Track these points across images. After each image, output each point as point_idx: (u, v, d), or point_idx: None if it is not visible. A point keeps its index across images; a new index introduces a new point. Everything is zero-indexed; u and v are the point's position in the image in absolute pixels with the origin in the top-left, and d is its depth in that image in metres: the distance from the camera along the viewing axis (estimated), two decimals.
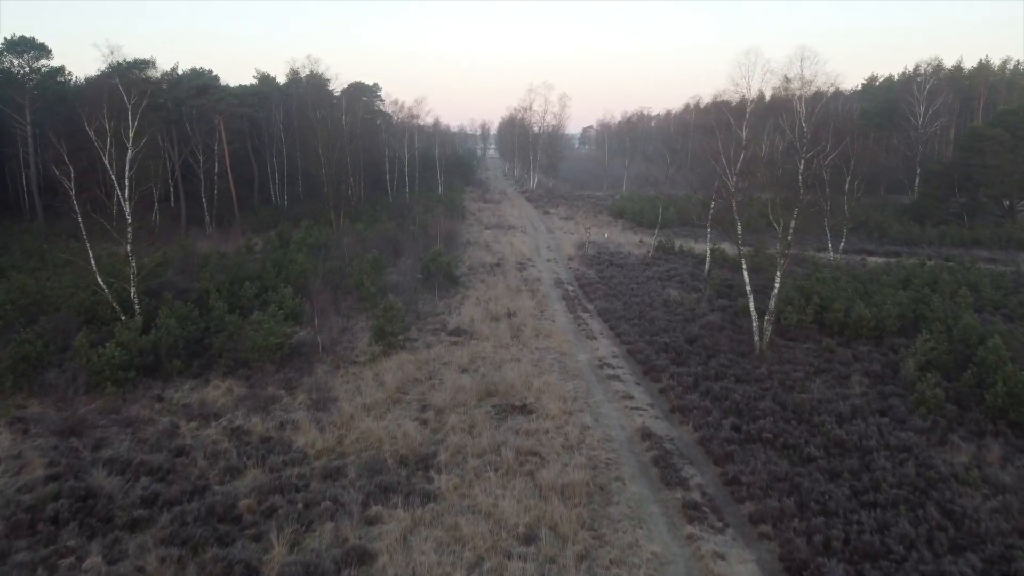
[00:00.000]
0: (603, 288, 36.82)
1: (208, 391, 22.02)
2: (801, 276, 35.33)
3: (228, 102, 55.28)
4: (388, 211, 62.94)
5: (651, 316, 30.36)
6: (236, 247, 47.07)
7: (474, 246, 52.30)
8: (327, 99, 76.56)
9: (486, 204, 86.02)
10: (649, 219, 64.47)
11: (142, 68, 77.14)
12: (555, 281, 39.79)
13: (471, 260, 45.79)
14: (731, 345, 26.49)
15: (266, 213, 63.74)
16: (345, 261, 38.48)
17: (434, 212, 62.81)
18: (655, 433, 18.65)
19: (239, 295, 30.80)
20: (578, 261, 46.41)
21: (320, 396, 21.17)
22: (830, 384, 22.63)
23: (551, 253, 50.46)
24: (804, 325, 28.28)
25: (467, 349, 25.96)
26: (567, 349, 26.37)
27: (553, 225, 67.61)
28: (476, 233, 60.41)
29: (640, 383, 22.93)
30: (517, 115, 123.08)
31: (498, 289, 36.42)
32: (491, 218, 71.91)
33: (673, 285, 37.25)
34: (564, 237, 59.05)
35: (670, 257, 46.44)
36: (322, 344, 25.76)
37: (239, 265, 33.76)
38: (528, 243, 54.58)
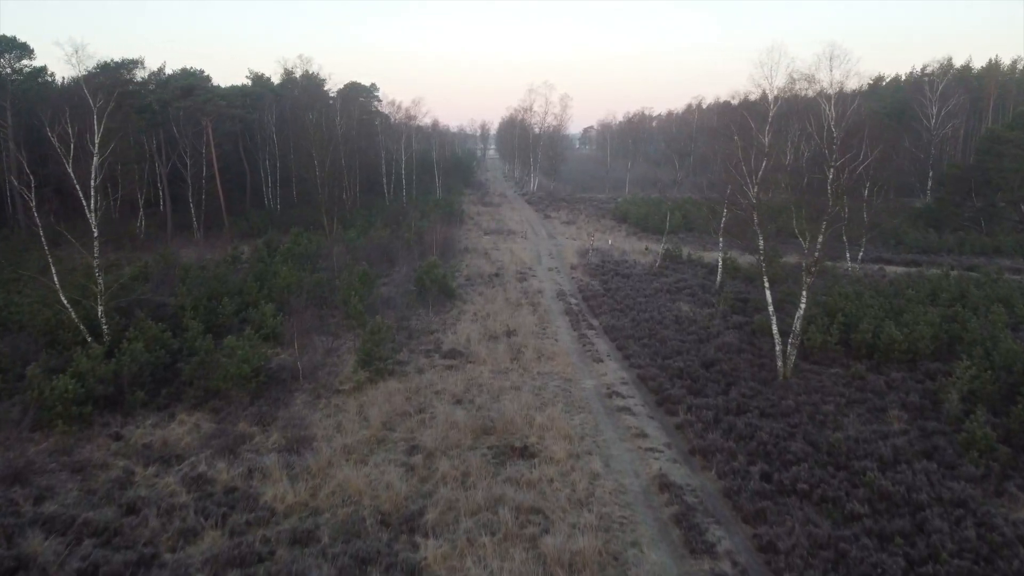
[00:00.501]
0: (609, 302, 34.54)
1: (172, 428, 19.76)
2: (821, 289, 33.08)
3: (215, 103, 53.00)
4: (384, 216, 60.68)
5: (662, 335, 28.08)
6: (223, 255, 44.84)
7: (472, 253, 50.03)
8: (322, 100, 74.29)
9: (485, 207, 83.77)
10: (654, 224, 62.20)
11: (130, 68, 75.04)
12: (557, 293, 37.52)
13: (469, 269, 43.53)
14: (752, 370, 24.22)
15: (257, 218, 61.47)
16: (334, 273, 36.21)
17: (431, 217, 60.56)
18: (674, 482, 16.37)
19: (217, 313, 28.56)
20: (581, 270, 44.14)
21: (296, 435, 18.90)
22: (865, 418, 20.37)
23: (553, 261, 48.19)
24: (829, 347, 26.01)
25: (462, 375, 23.70)
26: (572, 374, 24.10)
27: (554, 230, 65.37)
28: (475, 239, 58.14)
29: (654, 416, 20.66)
30: (517, 116, 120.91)
31: (497, 303, 34.15)
32: (490, 222, 69.64)
33: (683, 298, 34.98)
34: (566, 243, 56.81)
35: (678, 266, 44.16)
36: (303, 370, 23.50)
37: (219, 278, 31.48)
38: (529, 250, 52.32)
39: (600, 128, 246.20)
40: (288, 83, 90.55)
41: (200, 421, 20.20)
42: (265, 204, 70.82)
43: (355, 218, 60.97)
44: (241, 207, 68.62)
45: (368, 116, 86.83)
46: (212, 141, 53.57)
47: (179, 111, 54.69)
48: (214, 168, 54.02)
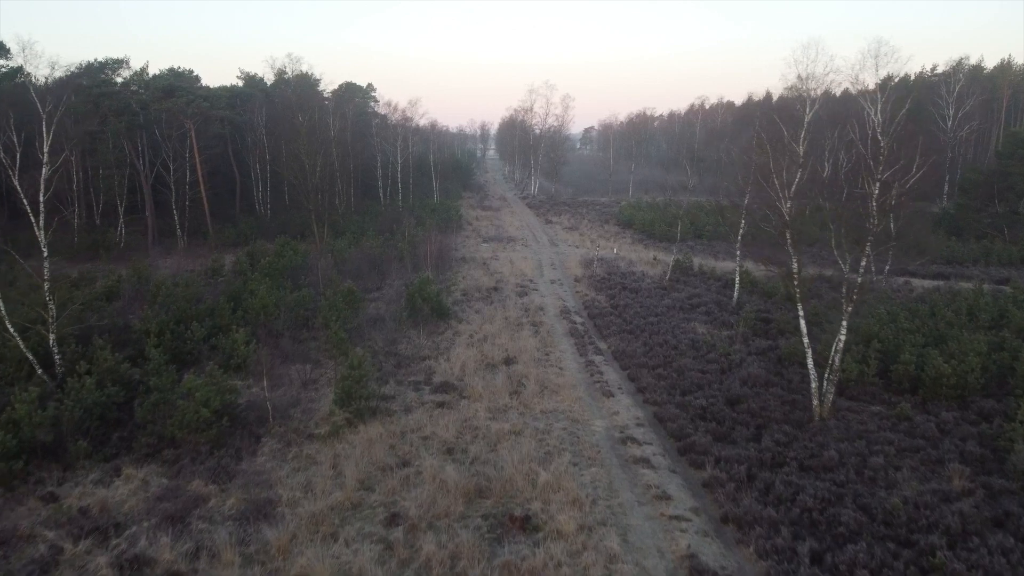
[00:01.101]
0: (617, 321, 31.75)
1: (117, 486, 16.97)
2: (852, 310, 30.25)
3: (198, 105, 50.20)
4: (377, 222, 57.90)
5: (679, 364, 25.27)
6: (204, 267, 42.06)
7: (470, 264, 47.24)
8: (315, 101, 71.48)
9: (484, 212, 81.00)
10: (660, 231, 59.46)
11: (114, 68, 72.29)
12: (561, 310, 34.73)
13: (466, 282, 40.74)
14: (783, 409, 21.42)
15: (244, 225, 58.67)
16: (319, 289, 33.43)
17: (427, 224, 57.75)
18: (708, 566, 13.57)
19: (185, 339, 25.79)
20: (586, 283, 41.35)
21: (257, 497, 16.12)
22: (920, 474, 17.57)
23: (555, 272, 45.39)
24: (866, 380, 23.22)
25: (455, 415, 20.89)
26: (580, 413, 21.30)
27: (556, 236, 62.59)
28: (472, 247, 55.36)
29: (676, 470, 17.86)
30: (517, 116, 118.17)
31: (495, 323, 31.36)
32: (490, 228, 66.87)
33: (698, 317, 32.18)
34: (569, 251, 54.03)
35: (689, 279, 41.35)
36: (273, 409, 20.70)
37: (189, 298, 28.63)
38: (530, 259, 49.53)
39: (601, 128, 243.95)
40: (281, 84, 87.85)
41: (150, 476, 17.41)
42: (256, 208, 68.11)
43: (347, 225, 58.20)
44: (230, 212, 65.90)
45: (364, 117, 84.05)
46: (196, 144, 50.68)
47: (161, 113, 51.87)
48: (198, 173, 51.18)
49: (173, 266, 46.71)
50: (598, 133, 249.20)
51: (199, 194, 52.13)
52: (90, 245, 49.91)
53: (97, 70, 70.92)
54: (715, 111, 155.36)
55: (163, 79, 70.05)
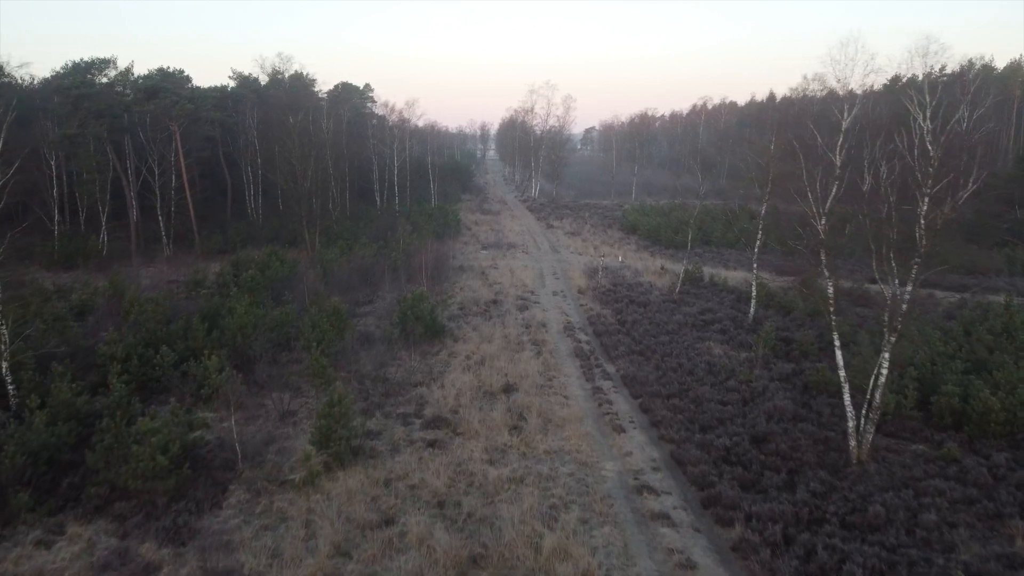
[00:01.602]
0: (626, 340, 29.51)
1: (60, 547, 14.75)
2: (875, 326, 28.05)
3: (183, 107, 47.88)
4: (372, 228, 55.65)
5: (696, 393, 23.02)
6: (189, 276, 39.78)
7: (468, 273, 45.00)
8: (309, 102, 69.21)
9: (484, 215, 78.77)
10: (667, 237, 57.23)
11: (101, 68, 70.04)
12: (564, 327, 32.49)
13: (463, 295, 38.49)
14: (816, 449, 19.18)
15: (234, 231, 56.47)
16: (305, 305, 31.20)
17: (423, 231, 55.53)
18: None
19: (153, 365, 23.56)
20: (591, 295, 39.09)
21: (216, 567, 13.88)
22: (979, 532, 15.34)
23: (558, 283, 43.15)
24: (904, 412, 21.00)
25: (447, 457, 18.65)
26: (589, 454, 19.06)
27: (558, 242, 60.36)
28: (471, 255, 53.13)
29: (700, 528, 15.62)
30: (518, 117, 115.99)
31: (494, 342, 29.12)
32: (489, 234, 64.62)
33: (713, 336, 29.92)
34: (571, 259, 51.81)
35: (700, 291, 39.09)
36: (243, 452, 18.46)
37: (159, 319, 26.28)
38: (531, 268, 47.30)
39: (601, 129, 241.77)
40: (275, 84, 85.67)
41: (97, 535, 15.17)
42: (249, 213, 65.91)
43: (341, 231, 55.99)
44: (221, 217, 63.74)
45: (361, 119, 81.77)
46: (180, 148, 48.43)
47: (145, 115, 49.57)
48: (183, 178, 48.93)
49: (156, 276, 44.51)
50: (599, 133, 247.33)
51: (185, 200, 49.77)
52: (71, 253, 47.70)
53: (83, 70, 68.75)
54: (718, 112, 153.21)
55: (150, 79, 67.83)
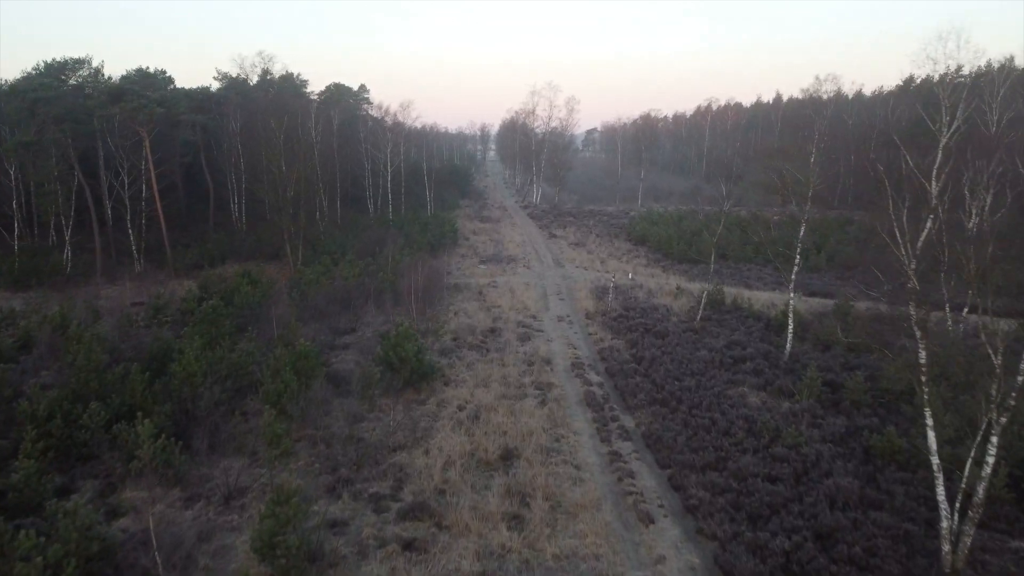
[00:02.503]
0: (644, 383, 25.31)
1: None
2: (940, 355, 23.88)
3: (150, 110, 43.69)
4: (361, 241, 51.46)
5: (737, 464, 18.81)
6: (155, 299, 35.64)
7: (464, 294, 40.83)
8: (298, 104, 65.08)
9: (483, 224, 74.62)
10: (679, 251, 53.00)
11: (76, 69, 65.99)
12: (572, 364, 28.32)
13: (458, 321, 34.31)
14: (897, 553, 14.97)
15: (213, 244, 52.37)
16: (273, 339, 27.04)
17: (417, 243, 51.36)
18: None
19: (80, 425, 19.43)
20: (600, 322, 34.90)
21: None
22: None
23: (563, 305, 38.96)
24: (994, 494, 16.80)
25: (428, 569, 14.46)
26: (610, 558, 14.86)
27: (562, 254, 56.19)
28: (468, 270, 48.97)
29: None
30: (518, 119, 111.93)
31: (491, 387, 24.94)
32: (488, 245, 60.45)
33: (746, 379, 25.70)
34: (577, 274, 47.65)
35: (724, 318, 34.88)
36: (165, 557, 14.27)
37: (93, 365, 22.01)
38: (533, 287, 43.13)
39: (603, 130, 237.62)
40: (263, 85, 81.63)
41: None
42: (232, 222, 61.83)
43: (327, 244, 51.84)
44: (203, 227, 59.65)
45: (354, 121, 77.53)
46: (151, 155, 44.25)
47: (113, 120, 45.40)
48: (153, 188, 44.77)
49: (118, 297, 40.39)
50: (600, 135, 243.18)
51: (156, 211, 45.61)
52: (31, 271, 43.58)
53: (56, 71, 64.70)
54: (724, 113, 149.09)
55: (127, 79, 63.73)
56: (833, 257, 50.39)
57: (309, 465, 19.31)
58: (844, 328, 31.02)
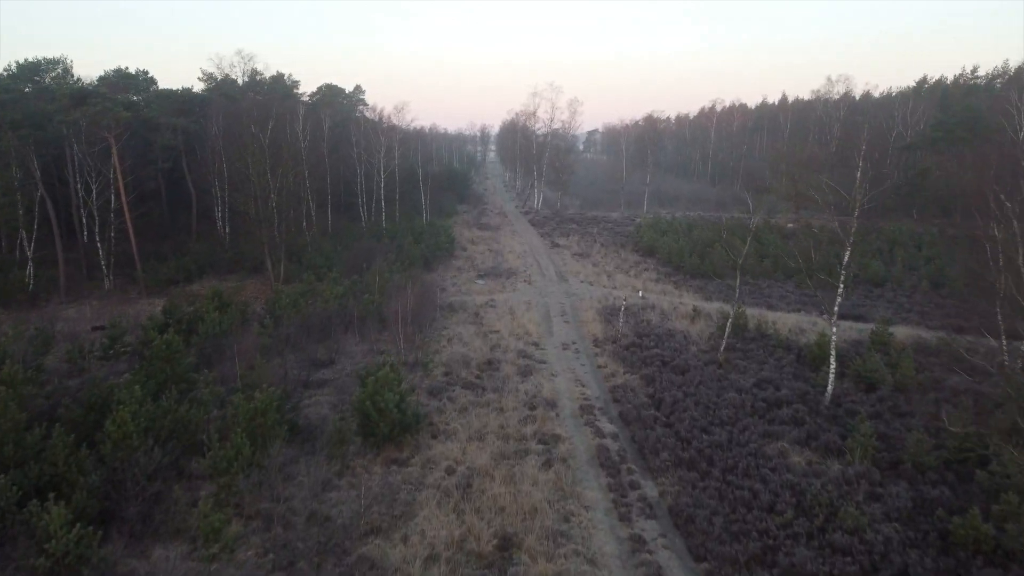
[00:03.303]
0: (666, 435, 21.62)
1: None
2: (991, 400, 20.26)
3: (116, 114, 40.03)
4: (351, 254, 47.85)
5: (791, 560, 15.10)
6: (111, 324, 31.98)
7: (459, 316, 37.21)
8: (285, 106, 61.46)
9: (481, 232, 71.04)
10: (691, 264, 49.33)
11: (50, 69, 62.45)
12: (581, 407, 24.67)
13: (450, 352, 30.67)
14: None
15: (191, 256, 48.81)
16: (230, 390, 23.37)
17: (411, 255, 47.71)
18: None
19: None
20: (610, 351, 31.23)
21: None
22: None
23: (568, 329, 35.32)
24: None
25: None
26: None
27: (565, 266, 52.59)
28: (464, 286, 45.33)
29: None
30: (519, 120, 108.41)
31: (487, 442, 21.27)
32: (486, 256, 56.84)
33: (785, 431, 21.98)
34: (582, 290, 44.05)
35: (749, 347, 31.23)
36: None
37: (10, 421, 18.36)
38: (535, 306, 39.50)
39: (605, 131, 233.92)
40: (252, 86, 78.08)
41: None
42: (216, 231, 58.18)
43: (314, 258, 48.22)
44: (185, 237, 56.05)
45: (346, 124, 73.82)
46: (119, 163, 40.60)
47: (78, 125, 41.68)
48: (122, 198, 41.14)
49: (79, 320, 36.80)
50: (602, 136, 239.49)
51: (124, 223, 41.97)
52: None
53: (29, 71, 61.20)
54: (730, 114, 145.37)
55: (109, 80, 60.15)
56: (861, 272, 46.71)
57: (260, 556, 15.67)
58: (888, 361, 27.46)
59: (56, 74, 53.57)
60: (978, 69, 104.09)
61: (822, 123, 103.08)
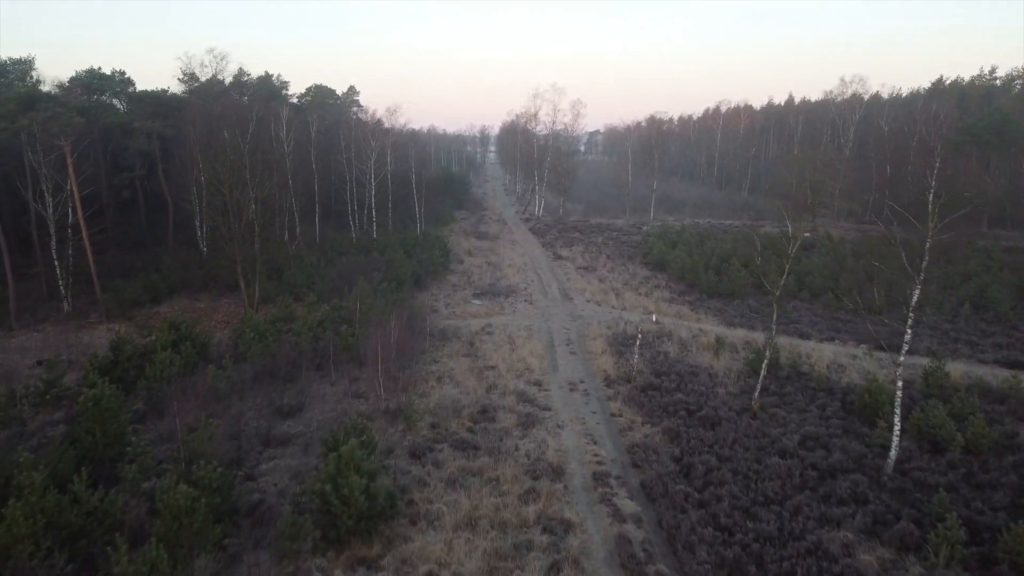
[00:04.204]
0: (703, 524, 17.46)
1: None
2: None
3: (67, 120, 35.98)
4: (337, 269, 43.74)
5: None
6: (47, 367, 27.91)
7: (451, 346, 33.10)
8: (267, 109, 57.34)
9: (479, 241, 66.95)
10: (708, 282, 45.13)
11: (21, 71, 58.39)
12: (594, 477, 20.47)
13: (440, 395, 26.54)
14: None
15: (166, 270, 44.84)
16: (177, 450, 19.27)
17: (399, 273, 43.54)
18: None
19: None
20: (624, 395, 26.98)
21: None
22: None
23: (574, 362, 31.21)
24: None
25: None
26: None
27: (569, 282, 48.53)
28: (459, 307, 41.23)
29: None
30: (519, 122, 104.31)
31: (479, 533, 17.09)
32: (484, 270, 52.73)
33: (844, 514, 17.80)
34: (588, 312, 39.99)
35: (784, 389, 27.13)
36: None
37: None
38: (536, 334, 35.41)
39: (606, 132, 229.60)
40: (236, 87, 73.97)
41: None
42: (197, 242, 54.10)
43: (295, 274, 44.13)
44: (159, 250, 51.98)
45: (337, 127, 69.65)
46: (74, 173, 36.46)
47: (32, 132, 37.53)
48: (78, 211, 37.04)
49: (23, 351, 32.74)
50: (603, 137, 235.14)
51: (82, 240, 37.83)
52: None
53: None
54: (737, 116, 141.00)
55: (81, 80, 56.16)
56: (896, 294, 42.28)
57: None
58: (951, 411, 23.34)
59: (15, 76, 49.52)
60: (996, 70, 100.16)
61: (835, 125, 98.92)
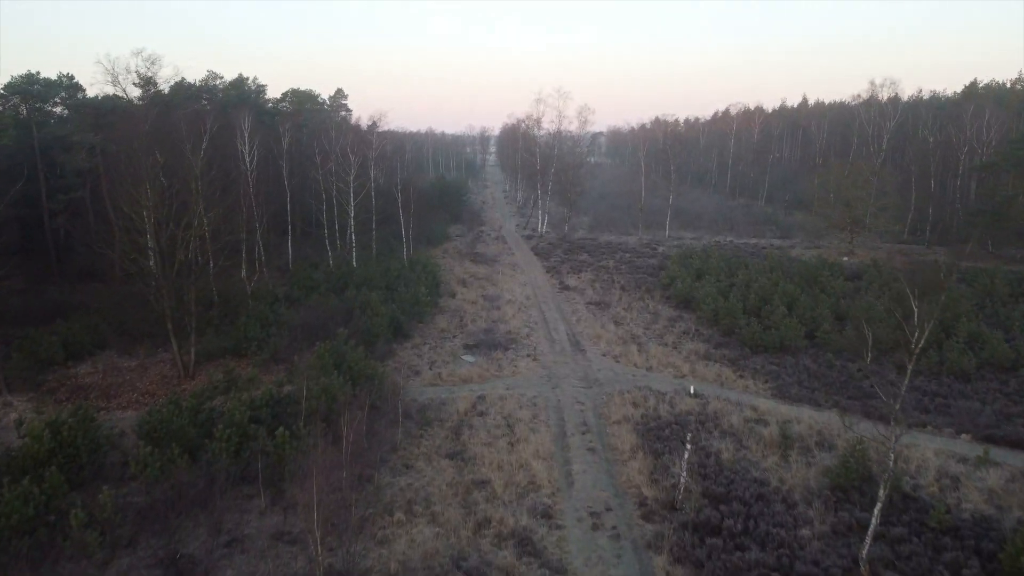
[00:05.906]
0: None
1: None
2: None
3: None
4: (300, 314, 36.02)
5: None
6: None
7: (429, 440, 25.24)
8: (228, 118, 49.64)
9: (475, 265, 59.25)
10: (751, 334, 36.70)
11: None
12: None
13: (405, 544, 18.74)
14: None
15: (96, 314, 37.10)
16: None
17: (376, 322, 35.69)
18: None
19: None
20: (673, 546, 19.14)
21: None
22: None
23: (595, 469, 23.35)
24: None
25: None
26: None
27: (580, 324, 40.86)
28: (444, 370, 33.27)
29: None
30: (520, 127, 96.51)
31: None
32: (479, 309, 44.86)
33: None
34: (606, 373, 32.32)
35: (892, 530, 19.34)
36: None
37: None
38: (543, 414, 27.65)
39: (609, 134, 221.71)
40: (206, 91, 66.39)
41: None
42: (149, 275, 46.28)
43: (249, 325, 36.03)
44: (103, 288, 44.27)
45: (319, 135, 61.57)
46: None
47: None
48: None
49: None
50: (606, 139, 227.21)
51: None
52: None
53: None
54: (750, 118, 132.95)
55: (16, 87, 48.58)
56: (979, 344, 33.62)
57: None
58: None
59: None
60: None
61: (863, 130, 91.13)
